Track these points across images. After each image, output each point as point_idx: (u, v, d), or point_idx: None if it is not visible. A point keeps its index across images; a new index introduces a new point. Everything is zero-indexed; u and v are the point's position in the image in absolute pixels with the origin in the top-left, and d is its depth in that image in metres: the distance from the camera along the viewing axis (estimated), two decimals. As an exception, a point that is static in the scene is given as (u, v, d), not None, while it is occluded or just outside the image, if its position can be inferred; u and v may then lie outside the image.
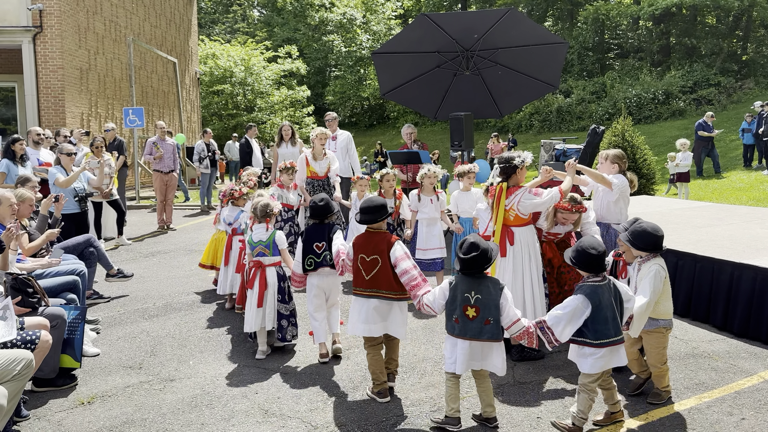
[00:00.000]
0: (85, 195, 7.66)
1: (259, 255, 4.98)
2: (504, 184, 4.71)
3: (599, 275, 3.54)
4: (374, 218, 4.13)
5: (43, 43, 14.96)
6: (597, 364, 3.49)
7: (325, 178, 7.91)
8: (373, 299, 4.05)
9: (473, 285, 3.56)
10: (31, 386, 4.36)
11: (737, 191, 12.93)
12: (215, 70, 29.10)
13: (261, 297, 4.90)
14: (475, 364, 3.61)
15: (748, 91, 27.03)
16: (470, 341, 3.55)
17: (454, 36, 8.93)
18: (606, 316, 3.46)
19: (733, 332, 5.13)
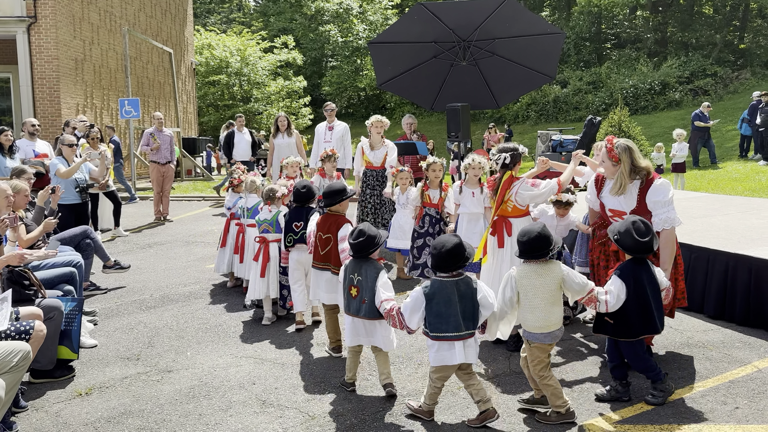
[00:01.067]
0: (86, 186, 7.63)
1: (264, 232, 5.60)
2: (510, 173, 4.71)
3: (449, 272, 3.53)
4: (332, 201, 4.65)
5: (38, 34, 14.86)
6: (436, 357, 3.54)
7: (381, 168, 7.55)
8: (326, 272, 4.66)
9: (357, 267, 3.94)
10: (29, 378, 4.37)
11: (733, 181, 12.97)
12: (211, 60, 28.97)
13: (264, 268, 5.47)
14: (362, 339, 4.01)
15: (745, 81, 27.05)
16: (353, 317, 3.96)
17: (450, 26, 8.89)
18: (442, 311, 3.49)
19: (729, 321, 5.16)
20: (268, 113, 29.09)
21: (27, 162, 8.03)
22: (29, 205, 6.03)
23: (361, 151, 7.57)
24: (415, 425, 3.64)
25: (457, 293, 3.50)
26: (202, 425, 3.73)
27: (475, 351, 3.59)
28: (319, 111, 9.53)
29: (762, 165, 14.87)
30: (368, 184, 7.63)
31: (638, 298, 3.66)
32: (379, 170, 7.55)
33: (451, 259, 3.50)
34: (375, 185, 7.60)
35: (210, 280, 7.06)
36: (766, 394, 3.89)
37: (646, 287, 3.68)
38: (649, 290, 3.70)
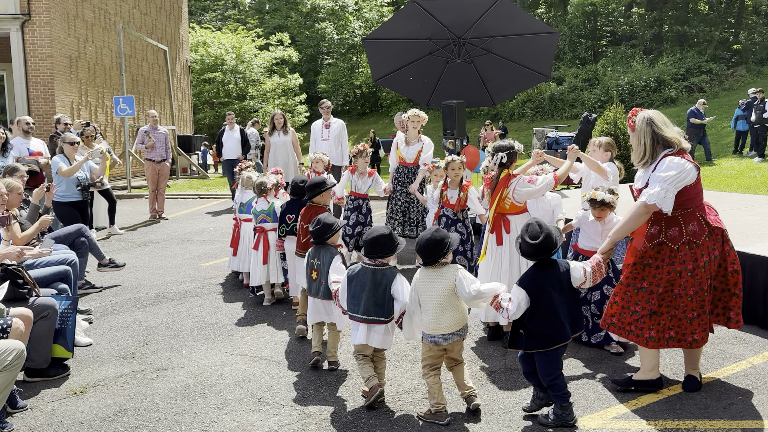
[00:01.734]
0: (87, 184, 7.60)
1: (261, 222, 5.97)
2: (507, 171, 4.70)
3: (372, 260, 3.80)
4: (314, 193, 5.06)
5: (32, 31, 14.79)
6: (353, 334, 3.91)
7: (414, 165, 7.15)
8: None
9: (317, 253, 4.33)
10: (24, 376, 4.36)
11: (728, 178, 13.01)
12: (206, 57, 28.92)
13: (265, 255, 5.90)
14: (322, 317, 4.42)
15: (740, 78, 27.12)
16: (313, 298, 4.39)
17: (445, 23, 8.89)
18: (357, 293, 3.81)
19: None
20: (263, 110, 29.04)
21: (21, 160, 8.00)
22: (23, 204, 6.00)
23: (395, 146, 7.23)
24: (411, 422, 3.65)
25: (373, 281, 3.75)
26: (198, 423, 3.73)
27: (381, 338, 3.79)
28: (315, 108, 9.50)
29: (757, 162, 14.92)
30: (399, 181, 7.24)
31: (542, 306, 3.46)
32: (412, 167, 7.20)
33: (372, 247, 3.77)
34: (406, 182, 7.24)
35: (205, 278, 7.05)
36: (760, 390, 3.90)
37: (551, 293, 3.47)
38: (556, 295, 3.49)
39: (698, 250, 3.71)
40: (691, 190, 3.72)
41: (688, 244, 3.71)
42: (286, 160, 9.45)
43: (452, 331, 3.58)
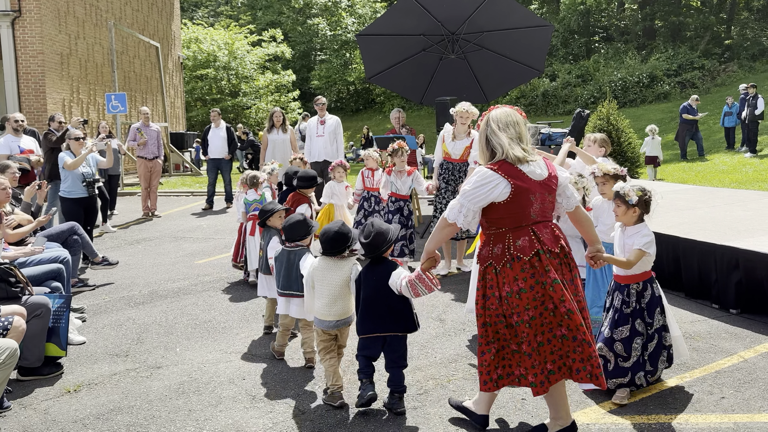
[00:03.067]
0: (93, 180, 7.54)
1: (254, 210, 6.24)
2: None
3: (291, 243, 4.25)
4: (303, 185, 5.88)
5: (22, 28, 14.69)
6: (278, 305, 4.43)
7: (462, 161, 6.56)
8: None
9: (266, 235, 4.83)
10: (17, 375, 4.34)
11: (720, 174, 13.08)
12: (198, 54, 28.78)
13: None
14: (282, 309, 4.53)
15: (732, 74, 27.23)
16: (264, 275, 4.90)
17: (439, 18, 8.89)
18: (280, 271, 4.28)
19: (721, 308, 5.22)
20: (256, 107, 28.95)
21: (13, 158, 7.95)
22: (15, 201, 5.97)
23: (441, 140, 6.65)
24: (407, 418, 3.66)
25: (288, 260, 4.23)
26: (192, 421, 3.72)
27: (298, 309, 4.25)
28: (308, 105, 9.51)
29: (748, 157, 15.00)
30: (444, 178, 6.66)
31: (361, 299, 3.68)
32: (459, 163, 6.56)
33: (288, 232, 4.22)
34: (451, 180, 6.62)
35: (199, 275, 7.03)
36: (751, 384, 3.93)
37: (370, 287, 3.65)
38: (374, 291, 3.64)
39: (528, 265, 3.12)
40: (503, 210, 3.13)
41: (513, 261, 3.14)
42: (285, 158, 9.31)
43: (340, 319, 3.86)
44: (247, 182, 6.46)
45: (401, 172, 6.65)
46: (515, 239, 3.13)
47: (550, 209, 3.24)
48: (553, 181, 3.20)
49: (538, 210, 3.16)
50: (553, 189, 3.20)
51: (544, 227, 3.17)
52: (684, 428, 3.44)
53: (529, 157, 3.15)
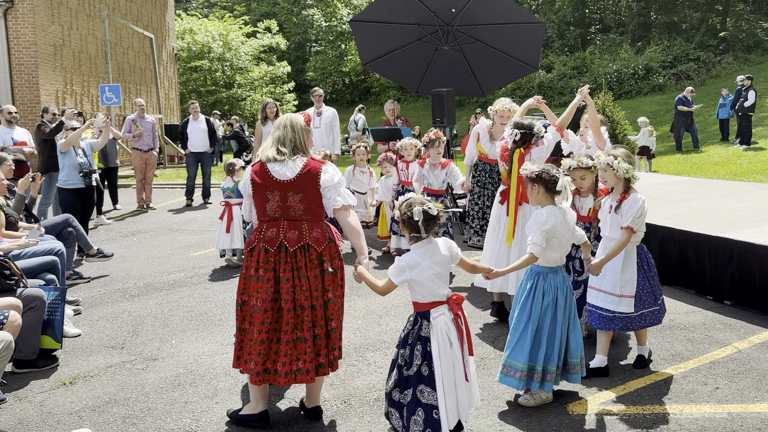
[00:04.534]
0: (89, 170, 7.49)
1: (227, 197, 7.03)
2: (520, 150, 4.72)
3: None
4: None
5: (15, 19, 14.57)
6: None
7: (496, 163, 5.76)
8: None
9: None
10: (12, 368, 4.33)
11: (715, 165, 13.11)
12: (193, 45, 28.56)
13: (228, 225, 6.93)
14: None
15: (727, 65, 27.25)
16: None
17: (432, 9, 8.85)
18: None
19: (715, 300, 5.25)
20: (251, 99, 28.82)
21: (6, 150, 7.90)
22: (9, 193, 5.94)
23: (475, 137, 5.95)
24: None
25: None
26: (188, 413, 3.72)
27: None
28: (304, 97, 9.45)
29: (743, 149, 15.04)
30: (477, 180, 5.97)
31: None
32: (495, 164, 5.85)
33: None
34: (488, 182, 5.94)
35: (194, 267, 7.02)
36: (745, 374, 3.96)
37: None
38: None
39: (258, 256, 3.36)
40: (255, 202, 3.44)
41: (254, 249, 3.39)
42: None
43: None
44: (224, 168, 7.14)
45: (435, 165, 6.14)
46: (266, 230, 3.38)
47: (301, 209, 3.35)
48: (305, 182, 3.32)
49: (275, 207, 3.34)
50: (304, 189, 3.33)
51: (295, 224, 3.34)
52: (678, 418, 3.47)
53: (279, 158, 3.34)
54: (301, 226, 3.34)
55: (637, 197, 3.89)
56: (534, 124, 4.72)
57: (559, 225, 3.50)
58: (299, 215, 3.35)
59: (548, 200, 3.58)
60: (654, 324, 4.10)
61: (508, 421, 3.51)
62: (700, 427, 3.37)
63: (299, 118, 3.50)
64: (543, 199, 3.60)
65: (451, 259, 3.14)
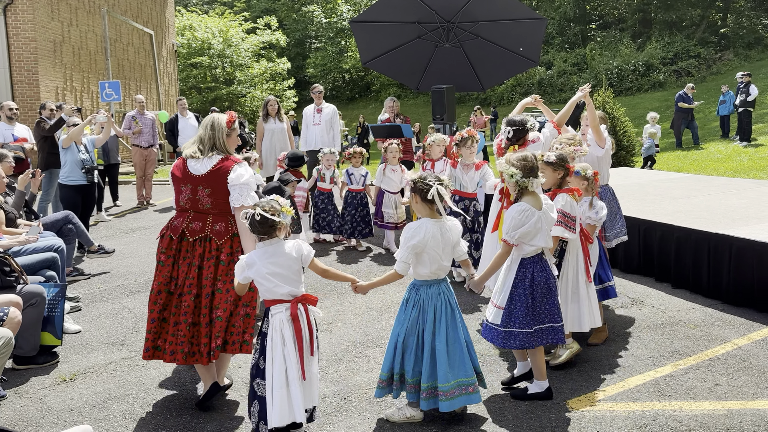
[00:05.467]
0: (91, 167, 7.48)
1: None
2: (515, 146, 4.73)
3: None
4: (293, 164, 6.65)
5: (14, 15, 14.54)
6: None
7: None
8: None
9: None
10: (12, 364, 4.33)
11: (715, 162, 13.10)
12: (193, 42, 28.51)
13: None
14: None
15: (728, 62, 27.21)
16: None
17: (433, 6, 8.84)
18: None
19: (713, 299, 5.25)
20: (251, 96, 28.79)
21: (6, 147, 7.90)
22: (9, 189, 5.94)
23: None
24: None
25: None
26: (188, 409, 3.73)
27: None
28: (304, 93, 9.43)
29: (743, 146, 15.02)
30: None
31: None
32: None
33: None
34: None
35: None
36: (744, 371, 3.96)
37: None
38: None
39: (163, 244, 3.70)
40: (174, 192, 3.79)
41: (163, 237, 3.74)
42: (284, 147, 9.08)
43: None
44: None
45: (468, 165, 5.68)
46: (174, 219, 3.70)
47: (208, 203, 3.61)
48: (215, 179, 3.58)
49: (186, 199, 3.65)
50: (213, 185, 3.58)
51: (201, 216, 3.63)
52: (678, 415, 3.47)
53: (196, 155, 3.64)
54: (206, 218, 3.62)
55: (518, 208, 3.53)
56: (526, 120, 4.73)
57: (431, 240, 3.29)
58: (206, 209, 3.62)
59: (426, 210, 3.37)
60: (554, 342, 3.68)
61: (508, 418, 3.51)
62: (700, 423, 3.38)
63: (221, 118, 3.70)
64: (421, 208, 3.40)
65: (301, 261, 3.23)
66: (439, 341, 3.34)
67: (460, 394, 3.34)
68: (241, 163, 3.65)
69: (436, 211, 3.35)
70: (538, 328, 3.58)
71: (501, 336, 3.60)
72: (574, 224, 3.92)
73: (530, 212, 3.49)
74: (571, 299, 4.04)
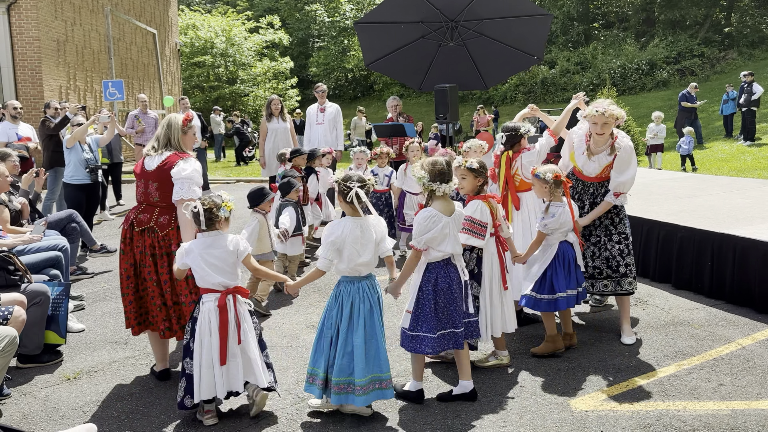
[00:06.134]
0: (95, 166, 7.49)
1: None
2: (509, 152, 4.74)
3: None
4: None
5: (18, 14, 14.57)
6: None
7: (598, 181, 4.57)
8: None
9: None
10: (16, 363, 4.34)
11: (719, 161, 13.07)
12: (196, 41, 28.55)
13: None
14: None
15: (732, 61, 27.14)
16: None
17: (437, 6, 8.83)
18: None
19: (717, 299, 5.23)
20: (254, 95, 28.80)
21: (10, 146, 7.91)
22: (13, 189, 5.95)
23: (569, 146, 4.76)
24: (404, 403, 3.67)
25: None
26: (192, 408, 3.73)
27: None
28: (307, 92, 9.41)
29: (746, 145, 14.98)
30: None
31: None
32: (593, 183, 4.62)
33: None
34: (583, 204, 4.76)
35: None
36: (749, 371, 3.95)
37: None
38: None
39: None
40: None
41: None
42: (287, 147, 9.04)
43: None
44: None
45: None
46: (130, 211, 4.02)
47: (157, 196, 3.90)
48: (161, 173, 3.86)
49: (140, 192, 3.99)
50: (160, 180, 3.86)
51: (149, 208, 3.94)
52: (682, 415, 3.46)
53: (151, 152, 3.96)
54: (154, 210, 3.92)
55: (425, 213, 3.53)
56: (519, 126, 4.74)
57: (349, 236, 3.39)
58: (155, 201, 3.91)
59: (348, 209, 3.48)
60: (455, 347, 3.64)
61: (512, 417, 3.51)
62: (704, 423, 3.37)
63: (177, 118, 4.04)
64: (345, 207, 3.50)
65: (236, 255, 3.49)
66: (357, 336, 3.41)
67: (374, 389, 3.44)
68: (187, 158, 3.88)
69: (358, 210, 3.44)
70: (440, 333, 3.55)
71: (409, 340, 3.60)
72: (484, 231, 3.87)
73: (437, 218, 3.49)
74: (489, 305, 4.02)
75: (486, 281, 3.99)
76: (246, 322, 3.51)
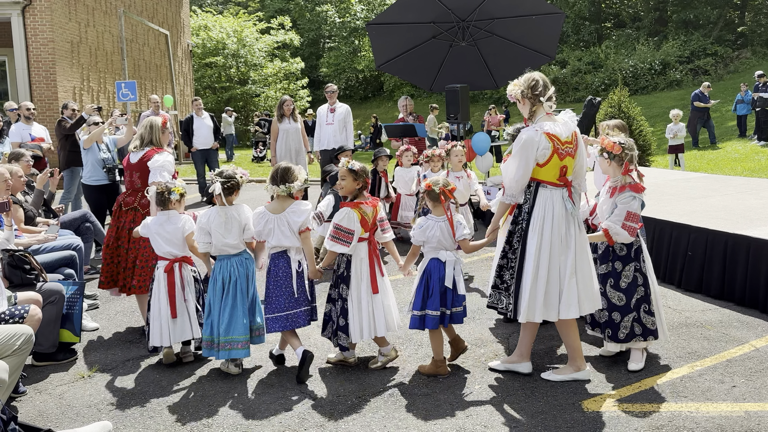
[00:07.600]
0: (113, 166, 7.55)
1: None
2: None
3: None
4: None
5: (33, 16, 14.71)
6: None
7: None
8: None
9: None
10: (32, 361, 4.40)
11: (732, 162, 12.97)
12: (207, 42, 28.69)
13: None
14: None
15: (745, 60, 26.89)
16: None
17: (449, 6, 8.82)
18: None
19: (729, 301, 5.19)
20: (265, 95, 28.91)
21: (24, 146, 8.00)
22: (27, 188, 6.02)
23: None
24: (415, 403, 3.68)
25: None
26: (205, 406, 3.76)
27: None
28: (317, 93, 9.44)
29: (760, 145, 14.85)
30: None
31: None
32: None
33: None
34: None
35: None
36: (762, 373, 3.92)
37: None
38: None
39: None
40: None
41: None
42: (299, 147, 9.10)
43: None
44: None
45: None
46: (120, 196, 5.13)
47: (139, 183, 4.96)
48: (141, 165, 4.91)
49: (128, 181, 5.08)
50: (141, 170, 4.94)
51: (134, 193, 4.99)
52: (695, 417, 3.45)
53: (134, 150, 5.01)
54: (137, 195, 4.96)
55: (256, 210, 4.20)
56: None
57: (213, 222, 4.12)
58: (138, 188, 4.97)
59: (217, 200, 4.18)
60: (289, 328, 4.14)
61: (523, 416, 3.51)
62: (717, 425, 3.35)
63: (156, 120, 5.04)
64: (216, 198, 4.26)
65: (182, 232, 4.32)
66: (225, 304, 4.12)
67: (233, 348, 4.09)
68: (161, 152, 4.88)
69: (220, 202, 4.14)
70: (271, 316, 4.13)
71: (267, 321, 4.17)
72: (350, 237, 3.99)
73: (263, 215, 4.11)
74: (357, 309, 4.09)
75: (353, 285, 4.09)
76: (189, 285, 4.32)
